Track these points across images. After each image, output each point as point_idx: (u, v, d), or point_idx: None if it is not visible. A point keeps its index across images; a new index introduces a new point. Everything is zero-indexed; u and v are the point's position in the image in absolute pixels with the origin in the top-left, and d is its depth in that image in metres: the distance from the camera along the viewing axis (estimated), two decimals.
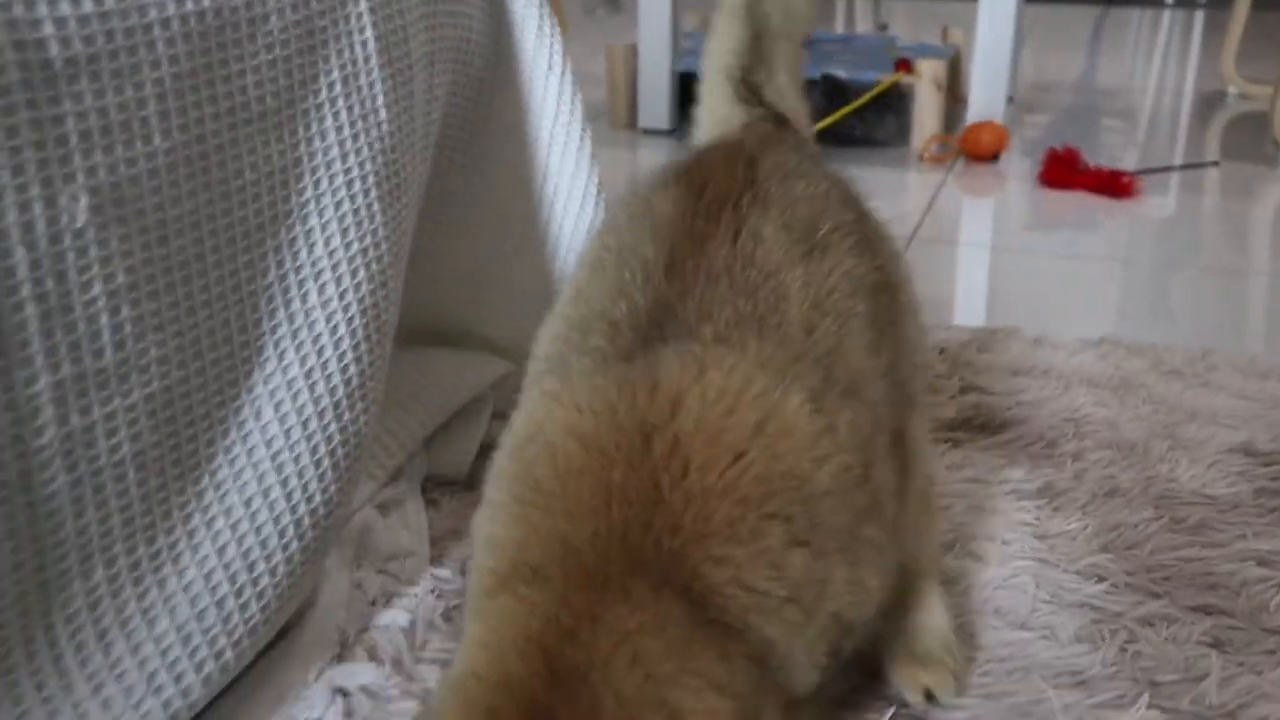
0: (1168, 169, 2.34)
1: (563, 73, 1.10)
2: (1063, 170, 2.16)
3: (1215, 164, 2.36)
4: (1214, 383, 1.34)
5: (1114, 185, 2.11)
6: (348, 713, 0.83)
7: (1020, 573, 0.98)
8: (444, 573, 0.99)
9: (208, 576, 0.76)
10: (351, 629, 0.91)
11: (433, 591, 0.96)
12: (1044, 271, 1.80)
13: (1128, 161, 2.31)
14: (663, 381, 0.62)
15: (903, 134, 2.46)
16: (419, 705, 0.84)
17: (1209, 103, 2.98)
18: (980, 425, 1.24)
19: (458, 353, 1.18)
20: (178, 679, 0.74)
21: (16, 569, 0.64)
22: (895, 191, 2.21)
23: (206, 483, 0.76)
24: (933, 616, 0.85)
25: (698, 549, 0.58)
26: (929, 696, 0.81)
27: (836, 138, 2.40)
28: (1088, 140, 2.47)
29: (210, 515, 0.76)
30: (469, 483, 1.13)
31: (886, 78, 2.39)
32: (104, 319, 0.66)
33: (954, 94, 2.57)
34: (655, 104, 2.62)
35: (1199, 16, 4.46)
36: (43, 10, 0.60)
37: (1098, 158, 2.25)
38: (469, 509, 1.09)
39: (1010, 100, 2.66)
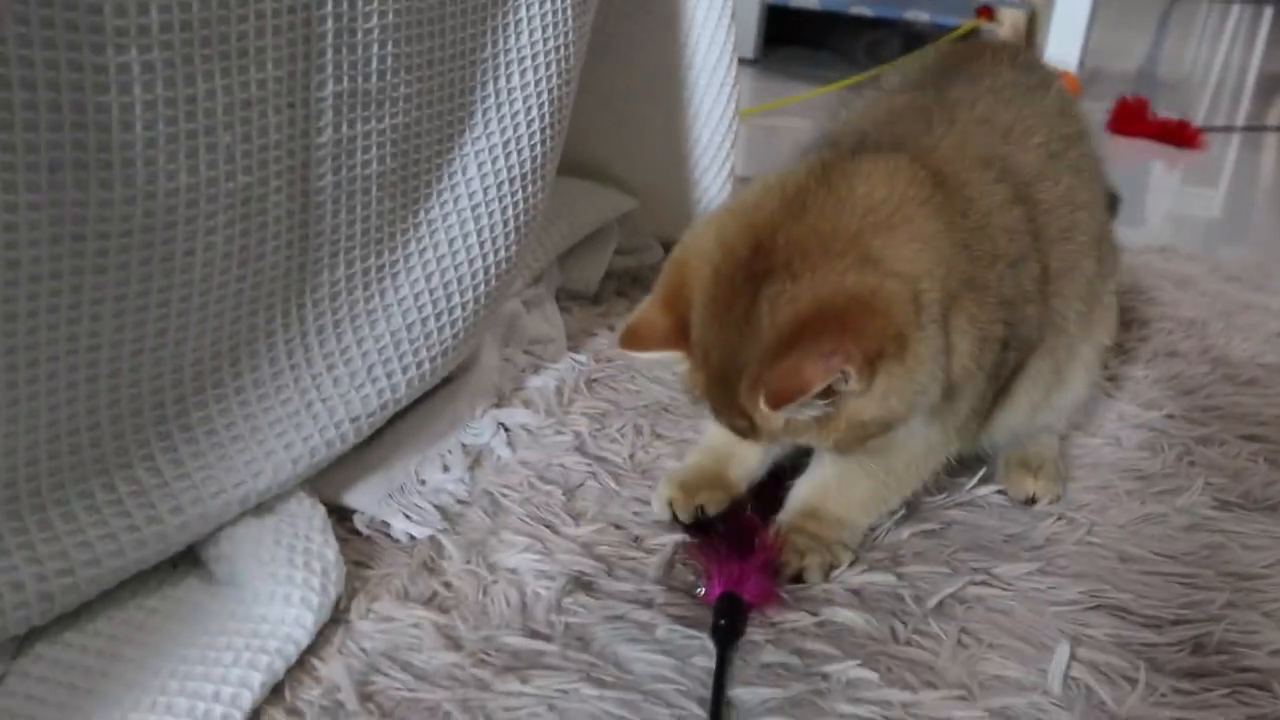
0: (1230, 128, 2.45)
1: None
2: (1132, 118, 2.26)
3: (1277, 129, 2.46)
4: (1267, 287, 1.46)
5: (1180, 135, 2.22)
6: (509, 443, 0.97)
7: (1090, 400, 1.11)
8: (581, 358, 1.12)
9: (416, 297, 0.89)
10: (507, 388, 1.05)
11: (573, 369, 1.10)
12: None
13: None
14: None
15: None
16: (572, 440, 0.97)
17: (1272, 82, 3.08)
18: None
19: (594, 185, 1.31)
20: (389, 375, 0.87)
21: (288, 246, 0.78)
22: None
23: (423, 217, 0.89)
24: (1045, 442, 0.97)
25: (945, 159, 0.76)
26: (1030, 500, 0.93)
27: None
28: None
29: (423, 245, 0.89)
30: (595, 299, 1.27)
31: (968, 23, 2.50)
32: (375, 49, 0.79)
33: (1030, 45, 2.68)
34: (743, 33, 2.72)
35: (1267, 12, 4.54)
36: None
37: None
38: (597, 319, 1.24)
39: (1080, 65, 2.76)
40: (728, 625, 0.74)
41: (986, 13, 2.54)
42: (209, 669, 0.66)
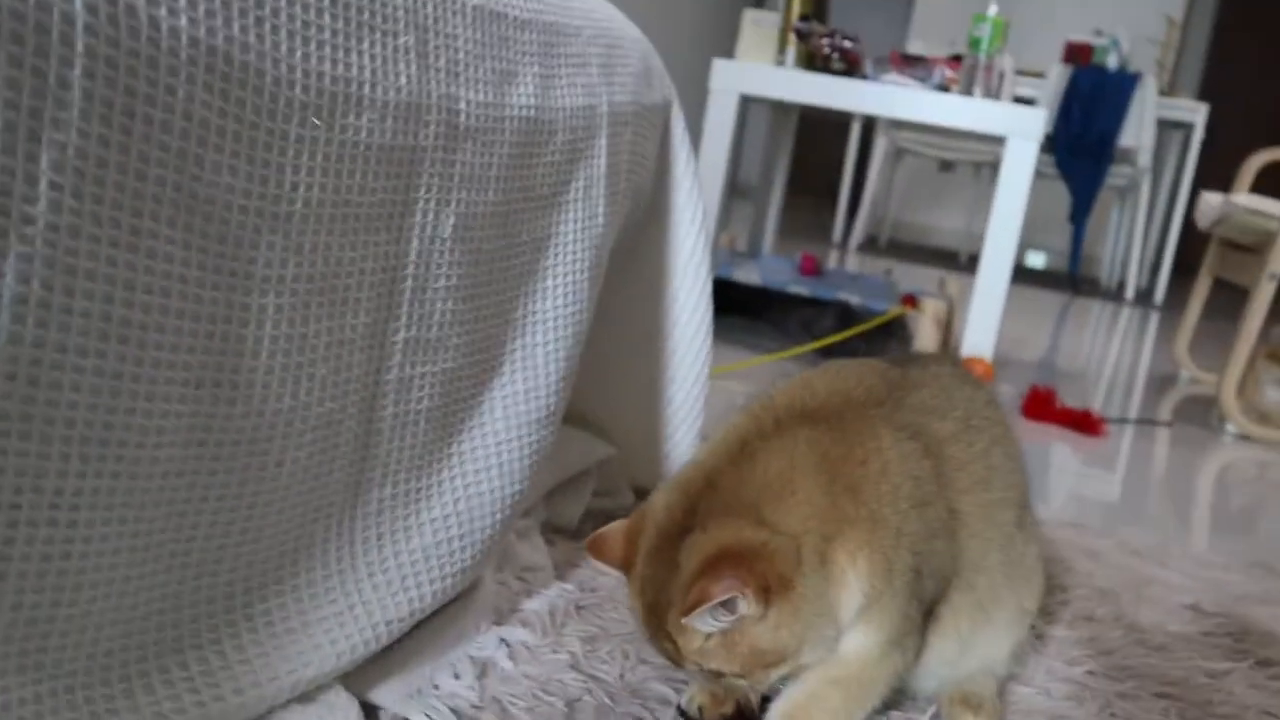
0: (1125, 420, 2.69)
1: (701, 227, 1.41)
2: (1042, 405, 2.49)
3: (1169, 424, 2.71)
4: (1169, 564, 1.63)
5: (1085, 423, 2.44)
6: (511, 657, 1.06)
7: (1021, 653, 1.24)
8: (569, 585, 1.23)
9: (445, 519, 1.01)
10: (504, 608, 1.15)
11: (562, 595, 1.20)
12: None
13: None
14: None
15: None
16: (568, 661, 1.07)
17: (1163, 381, 3.38)
18: None
19: (579, 431, 1.45)
20: (418, 585, 0.98)
21: (350, 465, 0.90)
22: None
23: (455, 449, 1.02)
24: (984, 683, 1.10)
25: (874, 420, 0.95)
26: None
27: (842, 355, 2.73)
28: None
29: (454, 474, 1.02)
30: (575, 534, 1.39)
31: (895, 308, 2.75)
32: (438, 304, 0.94)
33: (947, 334, 2.94)
34: None
35: (1154, 316, 4.96)
36: (461, 92, 0.91)
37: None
38: (578, 552, 1.35)
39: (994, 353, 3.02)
40: None
41: (911, 301, 2.79)
42: None
